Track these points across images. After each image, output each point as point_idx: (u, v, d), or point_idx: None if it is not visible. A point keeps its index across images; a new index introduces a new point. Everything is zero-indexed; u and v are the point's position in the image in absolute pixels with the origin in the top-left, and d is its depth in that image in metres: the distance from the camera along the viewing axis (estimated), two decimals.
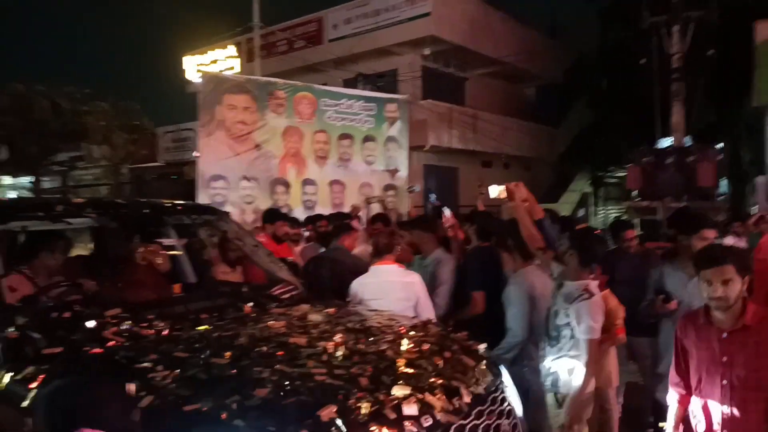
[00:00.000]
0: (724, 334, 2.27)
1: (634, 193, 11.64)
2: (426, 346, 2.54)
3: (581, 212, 17.06)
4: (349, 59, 15.80)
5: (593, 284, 3.02)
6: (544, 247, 3.30)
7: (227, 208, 8.98)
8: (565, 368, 2.96)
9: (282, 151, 9.71)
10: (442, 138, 15.06)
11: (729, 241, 5.99)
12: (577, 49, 18.38)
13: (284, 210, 8.99)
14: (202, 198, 8.98)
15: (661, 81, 11.73)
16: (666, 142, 11.87)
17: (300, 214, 9.06)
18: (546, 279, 3.41)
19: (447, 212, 5.03)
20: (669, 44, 11.52)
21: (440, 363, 2.40)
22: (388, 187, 11.04)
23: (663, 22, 11.41)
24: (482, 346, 2.76)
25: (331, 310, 2.94)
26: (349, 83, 14.81)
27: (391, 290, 3.52)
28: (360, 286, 3.62)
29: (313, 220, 7.10)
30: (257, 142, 9.49)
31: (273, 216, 6.04)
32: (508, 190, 3.39)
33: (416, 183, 14.34)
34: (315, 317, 2.76)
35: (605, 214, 17.83)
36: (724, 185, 14.82)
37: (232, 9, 18.07)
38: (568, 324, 2.96)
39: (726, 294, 2.21)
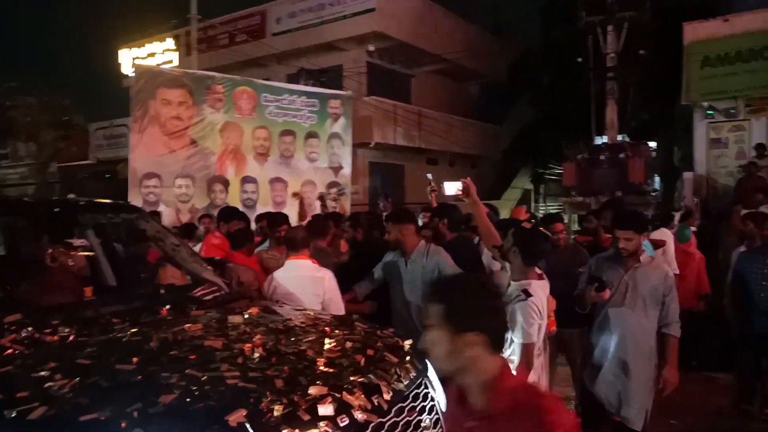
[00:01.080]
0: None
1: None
2: (349, 344, 2.48)
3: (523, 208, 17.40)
4: (293, 54, 15.57)
5: (536, 284, 2.92)
6: (501, 245, 3.21)
7: (161, 208, 8.69)
8: None
9: (220, 147, 9.43)
10: (387, 135, 15.07)
11: (656, 235, 6.24)
12: (520, 46, 18.78)
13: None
14: (134, 197, 8.60)
15: (597, 79, 12.13)
16: (602, 140, 12.29)
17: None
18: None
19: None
20: (604, 44, 11.93)
21: (362, 361, 2.34)
22: (331, 185, 10.92)
23: (598, 22, 11.80)
24: (408, 342, 2.73)
25: (253, 310, 2.84)
26: (292, 78, 14.57)
27: (303, 286, 3.50)
28: (274, 281, 3.59)
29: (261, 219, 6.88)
30: (193, 139, 9.17)
31: (228, 215, 5.85)
32: (464, 186, 3.33)
33: (360, 181, 14.32)
34: (235, 319, 2.65)
35: (546, 210, 18.33)
36: (657, 181, 15.54)
37: (172, 1, 17.47)
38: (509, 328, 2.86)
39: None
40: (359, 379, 2.17)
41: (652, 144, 15.38)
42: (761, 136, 11.28)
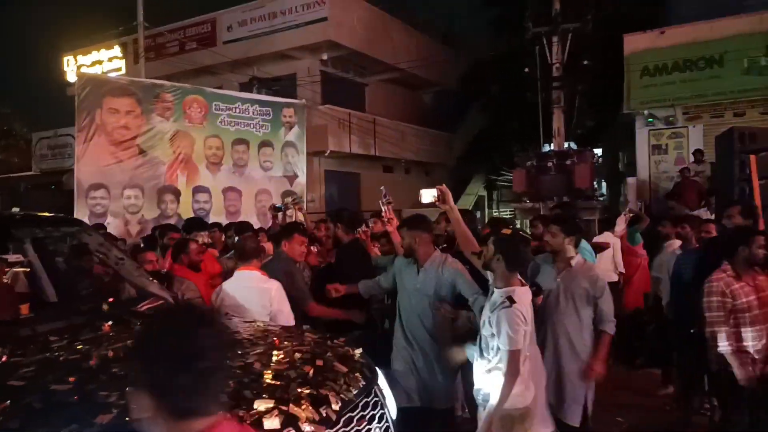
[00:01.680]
0: None
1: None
2: (298, 355, 2.47)
3: (477, 214, 17.77)
4: (245, 62, 15.40)
5: (519, 290, 2.90)
6: (480, 251, 3.18)
7: (108, 219, 8.42)
8: (495, 383, 2.82)
9: (170, 157, 9.23)
10: (342, 143, 15.08)
11: (601, 238, 6.46)
12: (470, 57, 19.16)
13: (172, 220, 8.55)
14: (81, 209, 8.32)
15: (543, 89, 12.51)
16: (549, 147, 12.66)
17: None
18: None
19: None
20: (550, 54, 12.33)
21: (311, 372, 2.34)
22: (286, 194, 10.83)
23: (544, 33, 12.19)
24: (358, 351, 2.74)
25: None
26: (245, 87, 14.41)
27: (251, 297, 3.46)
28: (222, 292, 3.55)
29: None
30: (142, 148, 8.95)
31: (191, 226, 5.78)
32: (439, 193, 3.32)
33: (316, 189, 14.26)
34: None
35: (499, 215, 18.72)
36: (603, 186, 16.12)
37: (119, 6, 16.99)
38: (493, 335, 2.85)
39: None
40: (307, 391, 2.17)
41: (598, 150, 15.99)
42: (698, 142, 11.88)
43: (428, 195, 3.37)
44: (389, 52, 16.69)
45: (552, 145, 12.70)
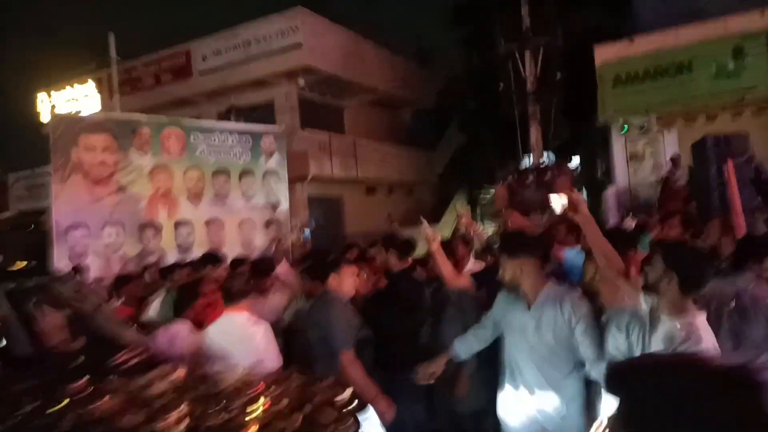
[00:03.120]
0: None
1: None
2: (284, 402, 2.41)
3: (461, 231, 17.78)
4: (222, 92, 15.39)
5: (700, 320, 2.29)
6: (628, 271, 2.66)
7: (89, 259, 8.29)
8: None
9: (150, 191, 9.15)
10: (324, 167, 15.07)
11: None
12: (445, 74, 19.36)
13: (154, 257, 8.44)
14: (59, 249, 8.18)
15: (519, 103, 12.67)
16: (528, 160, 12.78)
17: (174, 258, 8.54)
18: None
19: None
20: (523, 69, 12.51)
21: (299, 420, 2.27)
22: (269, 222, 10.78)
23: (516, 48, 12.38)
24: (347, 392, 2.67)
25: (180, 374, 2.70)
26: (223, 117, 14.39)
27: (236, 342, 3.25)
28: (205, 338, 3.36)
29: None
30: (121, 184, 8.87)
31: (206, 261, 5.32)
32: (570, 200, 2.82)
33: (301, 215, 14.19)
34: (160, 386, 2.51)
35: (483, 230, 18.77)
36: (585, 195, 16.27)
37: (92, 41, 16.95)
38: None
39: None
40: None
41: (575, 160, 16.17)
42: (674, 148, 12.06)
43: (558, 202, 2.89)
44: (365, 74, 16.81)
45: (530, 157, 12.82)
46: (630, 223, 6.26)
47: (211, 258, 5.30)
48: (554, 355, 2.88)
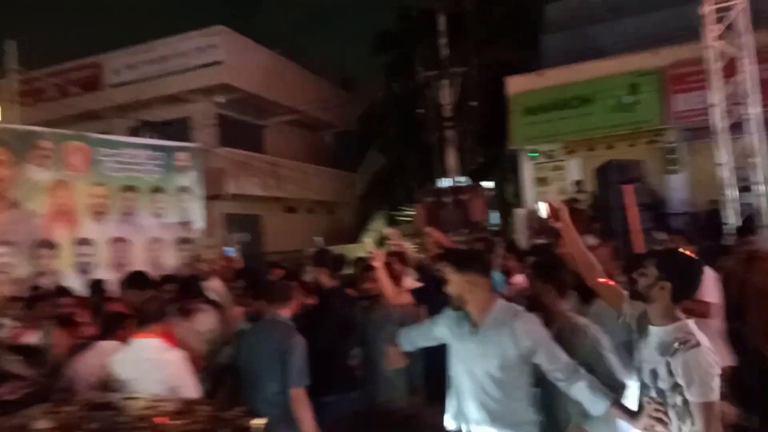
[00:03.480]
0: None
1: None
2: None
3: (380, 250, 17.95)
4: (134, 106, 14.78)
5: (693, 325, 2.26)
6: (609, 281, 2.63)
7: None
8: None
9: (47, 208, 8.52)
10: (242, 186, 14.76)
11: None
12: (367, 98, 19.72)
13: (48, 277, 7.84)
14: None
15: (436, 128, 13.13)
16: (446, 182, 13.21)
17: (73, 279, 7.98)
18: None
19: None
20: (440, 96, 13.01)
21: None
22: (182, 241, 10.37)
23: (434, 77, 12.86)
24: (257, 421, 2.57)
25: (73, 408, 2.50)
26: (134, 132, 13.79)
27: (144, 371, 2.95)
28: (109, 366, 3.06)
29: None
30: (14, 201, 8.19)
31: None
32: (551, 209, 2.75)
33: (216, 233, 13.76)
34: (44, 423, 2.30)
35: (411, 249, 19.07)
36: (496, 217, 16.99)
37: None
38: (677, 386, 2.15)
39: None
40: None
41: (490, 183, 16.88)
42: (577, 173, 12.89)
43: (543, 208, 2.81)
44: (287, 95, 16.77)
45: (447, 180, 13.27)
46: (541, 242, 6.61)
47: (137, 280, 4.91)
48: (499, 387, 2.55)
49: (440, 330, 2.82)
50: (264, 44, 16.61)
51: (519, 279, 4.92)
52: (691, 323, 2.25)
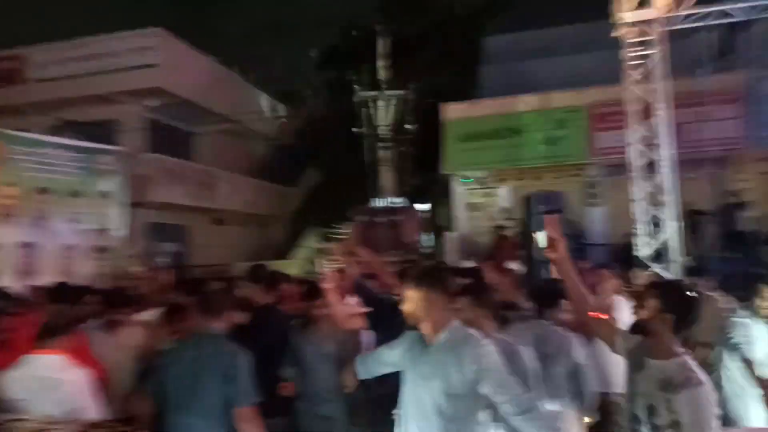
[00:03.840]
0: None
1: None
2: None
3: (311, 267, 17.77)
4: (59, 104, 14.00)
5: (692, 361, 2.24)
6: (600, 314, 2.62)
7: None
8: None
9: None
10: (169, 194, 14.21)
11: None
12: (307, 113, 19.64)
13: None
14: None
15: (373, 148, 13.26)
16: (381, 202, 13.33)
17: None
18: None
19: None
20: (378, 117, 13.18)
21: None
22: (98, 249, 9.87)
23: (372, 98, 13.03)
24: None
25: None
26: (58, 131, 13.04)
27: (38, 390, 2.74)
28: (6, 381, 2.82)
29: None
30: None
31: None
32: (549, 239, 2.69)
33: (138, 242, 13.17)
34: None
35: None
36: (430, 239, 17.27)
37: None
38: (677, 424, 2.13)
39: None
40: None
41: (425, 206, 17.17)
42: (506, 201, 13.35)
43: (543, 239, 2.77)
44: (225, 104, 16.43)
45: (382, 200, 13.38)
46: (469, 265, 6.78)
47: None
48: (443, 417, 2.39)
49: (394, 354, 2.69)
50: (207, 52, 16.26)
51: None
52: (690, 359, 2.22)
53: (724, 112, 12.04)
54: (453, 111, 13.80)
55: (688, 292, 2.35)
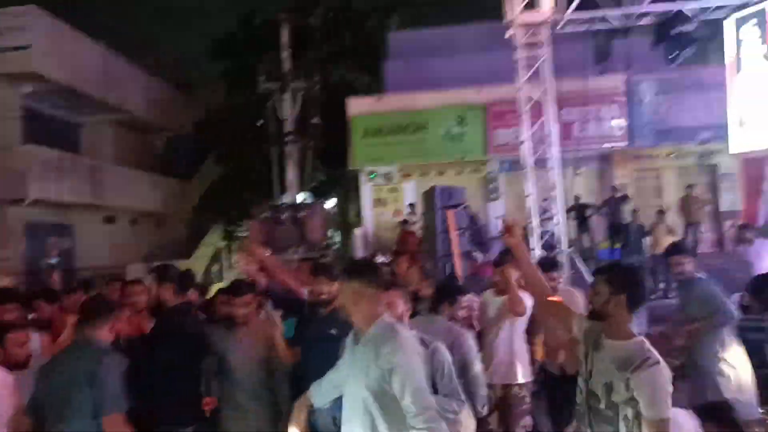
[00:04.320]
0: None
1: None
2: None
3: (215, 267, 17.05)
4: None
5: (648, 343, 2.34)
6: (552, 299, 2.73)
7: None
8: None
9: None
10: (50, 190, 12.96)
11: None
12: (205, 103, 18.68)
13: None
14: None
15: (277, 142, 12.87)
16: (285, 198, 12.99)
17: None
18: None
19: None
20: (282, 109, 12.80)
21: None
22: None
23: (275, 89, 12.63)
24: None
25: None
26: None
27: None
28: None
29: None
30: None
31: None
32: (506, 225, 2.79)
33: (12, 245, 11.91)
34: None
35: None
36: (338, 236, 17.13)
37: None
38: (633, 401, 2.23)
39: None
40: None
41: (331, 202, 17.00)
42: (412, 196, 13.50)
43: (500, 223, 2.91)
44: (113, 92, 15.23)
45: (287, 196, 13.05)
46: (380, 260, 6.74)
47: None
48: (371, 415, 2.32)
49: (341, 370, 2.54)
50: (93, 36, 14.93)
51: None
52: (646, 341, 2.34)
53: (607, 111, 13.00)
54: (358, 105, 13.73)
55: (632, 270, 2.50)
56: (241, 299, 3.52)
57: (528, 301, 3.75)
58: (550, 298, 2.80)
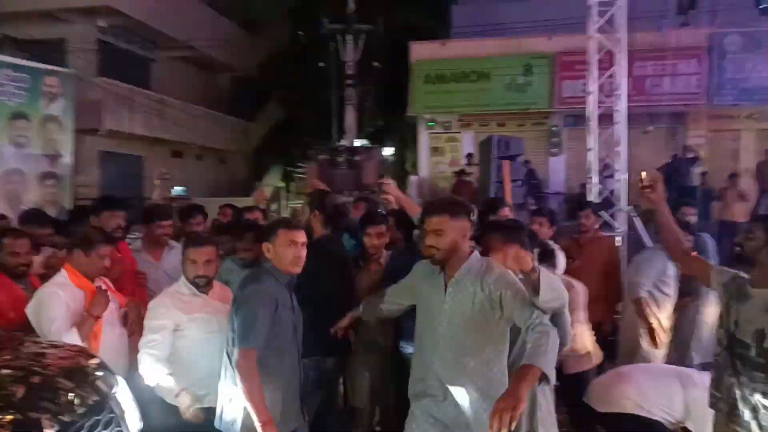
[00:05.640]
0: None
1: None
2: (6, 372, 2.11)
3: (274, 206, 17.60)
4: None
5: None
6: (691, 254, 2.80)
7: None
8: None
9: None
10: (122, 122, 13.60)
11: None
12: (270, 44, 18.81)
13: None
14: None
15: (337, 85, 12.90)
16: (343, 142, 13.14)
17: None
18: None
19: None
20: (344, 52, 12.74)
21: (19, 392, 2.01)
22: (47, 175, 9.46)
23: (339, 31, 12.54)
24: (93, 361, 2.44)
25: None
26: None
27: None
28: None
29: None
30: None
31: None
32: (650, 178, 2.78)
33: (89, 170, 12.68)
34: None
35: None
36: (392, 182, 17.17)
37: None
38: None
39: None
40: (10, 417, 1.85)
41: (389, 149, 17.02)
42: (470, 147, 13.34)
43: (643, 176, 2.83)
44: (182, 29, 15.51)
45: (344, 140, 13.18)
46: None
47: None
48: (464, 347, 2.42)
49: (415, 286, 2.63)
50: None
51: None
52: None
53: (685, 67, 12.21)
54: (421, 50, 13.48)
55: None
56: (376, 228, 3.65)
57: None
58: (687, 253, 2.86)
